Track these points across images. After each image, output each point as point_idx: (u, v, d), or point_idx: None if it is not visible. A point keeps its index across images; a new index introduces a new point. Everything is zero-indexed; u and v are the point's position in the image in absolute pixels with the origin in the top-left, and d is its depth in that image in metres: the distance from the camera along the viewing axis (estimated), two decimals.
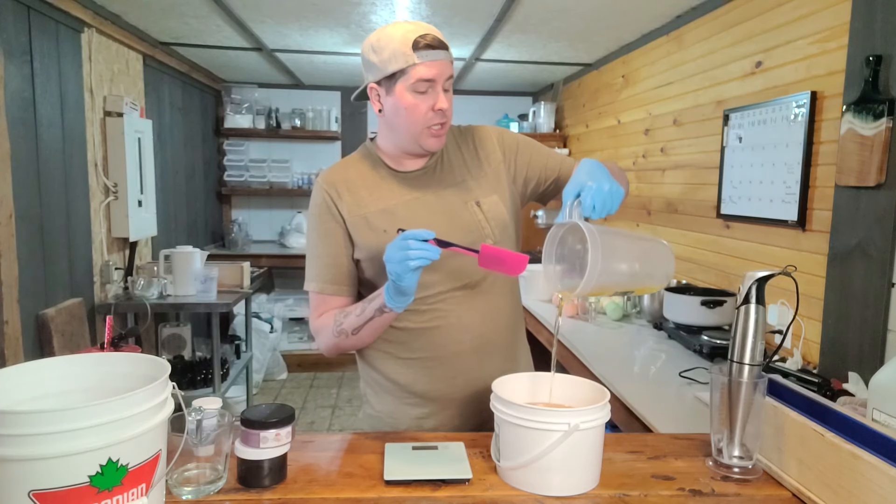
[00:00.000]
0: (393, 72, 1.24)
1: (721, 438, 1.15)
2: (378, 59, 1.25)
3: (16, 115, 2.33)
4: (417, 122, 1.27)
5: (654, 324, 2.58)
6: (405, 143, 1.33)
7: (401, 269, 1.13)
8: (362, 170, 1.38)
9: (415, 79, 1.23)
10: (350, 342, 1.30)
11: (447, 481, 1.07)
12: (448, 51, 1.27)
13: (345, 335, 1.29)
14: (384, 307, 1.22)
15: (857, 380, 1.66)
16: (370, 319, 1.25)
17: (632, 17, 2.89)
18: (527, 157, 1.43)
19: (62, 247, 2.68)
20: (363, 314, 1.26)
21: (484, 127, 1.46)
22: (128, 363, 0.97)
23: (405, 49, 1.22)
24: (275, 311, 4.87)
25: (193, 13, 2.98)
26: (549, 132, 4.53)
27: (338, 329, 1.30)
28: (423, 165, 1.37)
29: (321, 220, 1.35)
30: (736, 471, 1.12)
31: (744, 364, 1.13)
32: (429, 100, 1.26)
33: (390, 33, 1.25)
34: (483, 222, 1.35)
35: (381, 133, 1.38)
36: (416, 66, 1.23)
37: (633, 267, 1.18)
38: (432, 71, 1.24)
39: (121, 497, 0.80)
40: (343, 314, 1.30)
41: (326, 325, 1.32)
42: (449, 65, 1.27)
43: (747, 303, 1.13)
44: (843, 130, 1.75)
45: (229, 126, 5.03)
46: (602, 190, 1.12)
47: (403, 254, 1.12)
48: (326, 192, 1.35)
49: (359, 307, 1.27)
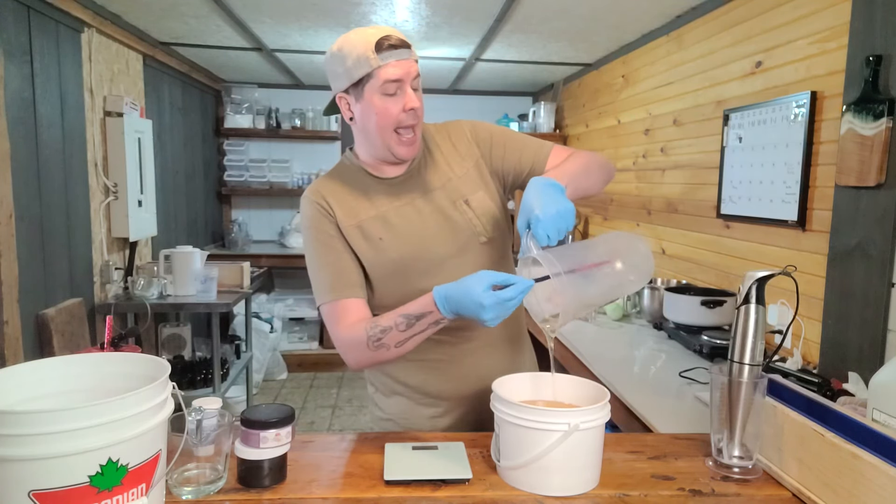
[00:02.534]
0: (360, 77, 1.23)
1: (721, 438, 1.15)
2: (343, 67, 1.24)
3: (16, 115, 2.33)
4: (389, 125, 1.26)
5: (654, 324, 2.58)
6: (379, 151, 1.31)
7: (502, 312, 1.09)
8: (347, 180, 1.36)
9: (382, 80, 1.22)
10: (391, 354, 1.22)
11: (447, 481, 1.07)
12: (411, 49, 1.26)
13: (385, 349, 1.21)
14: (441, 320, 1.15)
15: (857, 380, 1.66)
16: (422, 332, 1.18)
17: (632, 17, 2.89)
18: (501, 151, 1.40)
19: (62, 247, 2.68)
20: (412, 328, 1.18)
21: (458, 122, 1.44)
22: (128, 363, 0.97)
23: (369, 52, 1.21)
24: (275, 311, 4.86)
25: (193, 13, 2.98)
26: (549, 132, 4.53)
27: (375, 343, 1.21)
28: (405, 170, 1.36)
29: (318, 230, 1.32)
30: (736, 471, 1.12)
31: (744, 364, 1.13)
32: (399, 101, 1.24)
33: (352, 40, 1.23)
34: (474, 220, 1.34)
35: (357, 142, 1.37)
36: (381, 67, 1.21)
37: (604, 282, 1.17)
38: (399, 71, 1.22)
39: (121, 497, 0.80)
40: (378, 329, 1.21)
41: (357, 339, 1.23)
42: (414, 63, 1.26)
43: (747, 303, 1.13)
44: (843, 130, 1.75)
45: (229, 126, 5.03)
46: (549, 218, 1.10)
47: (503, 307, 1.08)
48: (317, 202, 1.32)
49: (399, 321, 1.19)
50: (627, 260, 1.19)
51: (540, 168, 1.38)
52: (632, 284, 1.20)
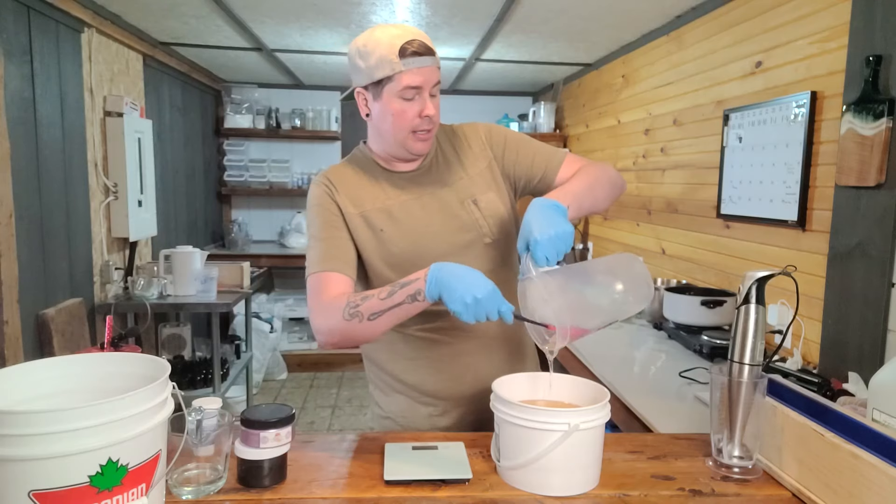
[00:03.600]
0: (380, 78, 1.24)
1: (721, 438, 1.15)
2: (365, 65, 1.25)
3: (16, 115, 2.33)
4: (404, 127, 1.27)
5: (654, 324, 2.58)
6: (392, 148, 1.33)
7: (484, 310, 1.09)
8: (358, 171, 1.38)
9: (402, 86, 1.23)
10: (361, 328, 1.17)
11: (447, 481, 1.07)
12: (435, 56, 1.27)
13: (358, 318, 1.16)
14: (419, 295, 1.12)
15: (857, 380, 1.66)
16: (398, 305, 1.14)
17: (632, 17, 2.89)
18: (513, 155, 1.41)
19: (62, 247, 2.68)
20: (390, 298, 1.14)
21: (473, 124, 1.46)
22: (128, 363, 0.97)
23: (392, 56, 1.21)
24: (275, 311, 4.87)
25: (193, 13, 2.98)
26: (549, 132, 4.53)
27: (351, 311, 1.17)
28: (417, 166, 1.38)
29: (322, 207, 1.33)
30: (736, 471, 1.12)
31: (744, 364, 1.13)
32: (416, 106, 1.26)
33: (377, 38, 1.24)
34: (480, 220, 1.35)
35: (371, 137, 1.39)
36: (403, 73, 1.22)
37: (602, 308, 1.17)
38: (419, 78, 1.23)
39: (121, 497, 0.80)
40: (360, 296, 1.18)
41: (336, 305, 1.19)
42: (436, 71, 1.27)
43: (747, 303, 1.13)
44: (843, 130, 1.75)
45: (229, 126, 5.03)
46: (547, 240, 1.10)
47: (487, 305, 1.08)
48: (326, 186, 1.35)
49: (384, 290, 1.16)
50: (627, 283, 1.19)
51: (551, 176, 1.39)
52: (631, 306, 1.19)
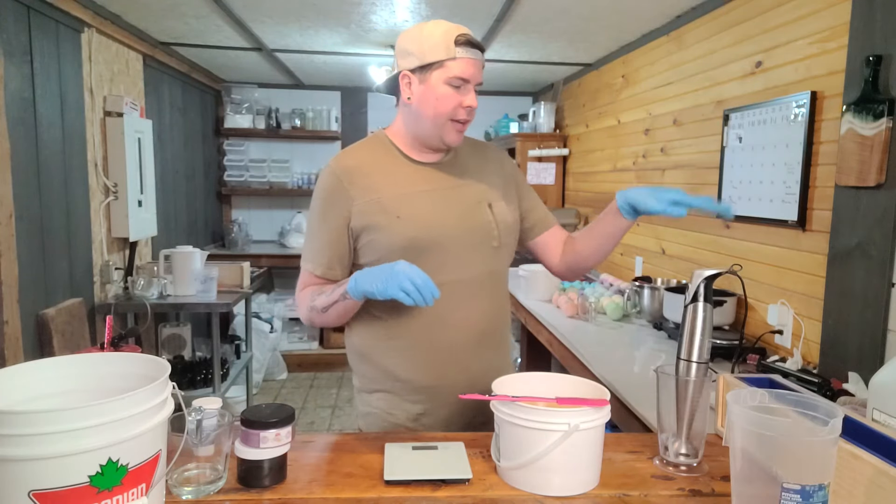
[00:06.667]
0: (431, 62, 1.28)
1: (668, 436, 1.15)
2: (418, 48, 1.29)
3: (16, 115, 2.33)
4: (445, 113, 1.31)
5: (654, 324, 2.58)
6: (427, 134, 1.35)
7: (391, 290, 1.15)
8: (377, 155, 1.39)
9: (452, 74, 1.28)
10: (321, 318, 1.34)
11: (447, 481, 1.07)
12: (483, 54, 1.32)
13: (316, 311, 1.33)
14: (346, 294, 1.25)
15: (857, 380, 1.66)
16: (335, 302, 1.29)
17: (632, 17, 2.89)
18: (523, 191, 1.52)
19: (62, 247, 2.68)
20: (331, 295, 1.29)
21: (494, 146, 1.55)
22: (128, 363, 0.97)
23: (448, 41, 1.28)
24: (275, 311, 4.87)
25: (193, 13, 2.98)
26: (549, 132, 4.52)
27: (311, 304, 1.34)
28: (438, 159, 1.40)
29: (326, 204, 1.36)
30: (682, 469, 1.13)
31: (692, 362, 1.13)
32: (459, 95, 1.31)
33: (434, 24, 1.31)
34: (492, 224, 1.37)
35: (403, 122, 1.40)
36: (455, 59, 1.28)
37: None
38: (469, 69, 1.29)
39: (121, 497, 0.80)
40: (319, 291, 1.33)
41: (305, 298, 1.37)
42: (482, 69, 1.33)
43: (696, 301, 1.13)
44: (843, 130, 1.75)
45: (229, 126, 5.03)
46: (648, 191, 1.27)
47: (405, 284, 1.14)
48: (339, 177, 1.35)
49: (331, 287, 1.31)
50: None
51: (541, 228, 1.51)
52: None
